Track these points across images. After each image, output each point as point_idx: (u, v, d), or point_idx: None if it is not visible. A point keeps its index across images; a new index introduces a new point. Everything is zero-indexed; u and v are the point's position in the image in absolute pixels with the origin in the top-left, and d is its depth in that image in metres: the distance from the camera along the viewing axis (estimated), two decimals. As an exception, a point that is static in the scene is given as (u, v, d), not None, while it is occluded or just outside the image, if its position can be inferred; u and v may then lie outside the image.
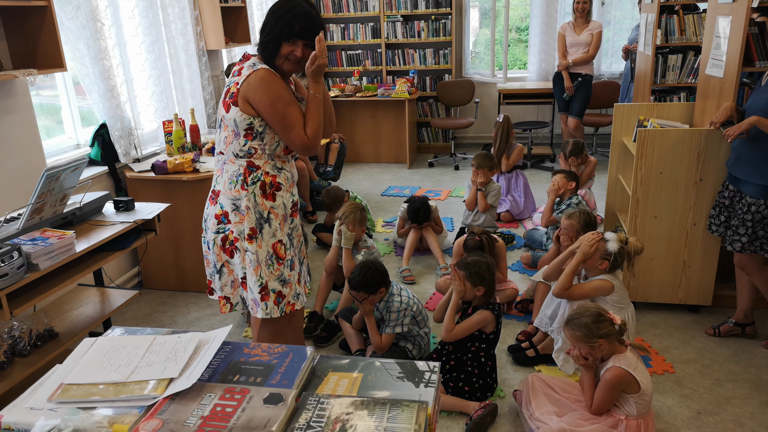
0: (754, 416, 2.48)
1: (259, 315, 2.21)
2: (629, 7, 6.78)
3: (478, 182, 4.20)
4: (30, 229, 2.42)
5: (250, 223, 2.13)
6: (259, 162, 2.13)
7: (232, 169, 2.13)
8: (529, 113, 7.19)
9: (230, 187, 2.13)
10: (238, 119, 2.06)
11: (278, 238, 2.19)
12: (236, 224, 2.14)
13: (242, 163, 2.12)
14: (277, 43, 2.04)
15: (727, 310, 3.25)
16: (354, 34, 7.02)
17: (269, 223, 2.16)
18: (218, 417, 1.11)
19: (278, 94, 2.03)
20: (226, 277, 2.23)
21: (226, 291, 2.25)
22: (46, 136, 3.46)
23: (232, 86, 2.06)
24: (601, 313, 2.21)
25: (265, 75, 2.03)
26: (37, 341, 2.52)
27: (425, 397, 1.19)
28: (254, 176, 2.12)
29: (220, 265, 2.21)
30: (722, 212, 2.91)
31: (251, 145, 2.10)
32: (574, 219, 3.01)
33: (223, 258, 2.20)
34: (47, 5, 2.79)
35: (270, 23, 2.06)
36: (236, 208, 2.13)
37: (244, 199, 2.12)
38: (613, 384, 2.18)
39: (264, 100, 2.02)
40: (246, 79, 2.03)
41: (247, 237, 2.14)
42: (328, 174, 5.50)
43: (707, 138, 2.98)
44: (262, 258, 2.16)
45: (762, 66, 2.94)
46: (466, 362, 2.61)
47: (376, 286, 2.74)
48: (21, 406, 1.17)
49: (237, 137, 2.10)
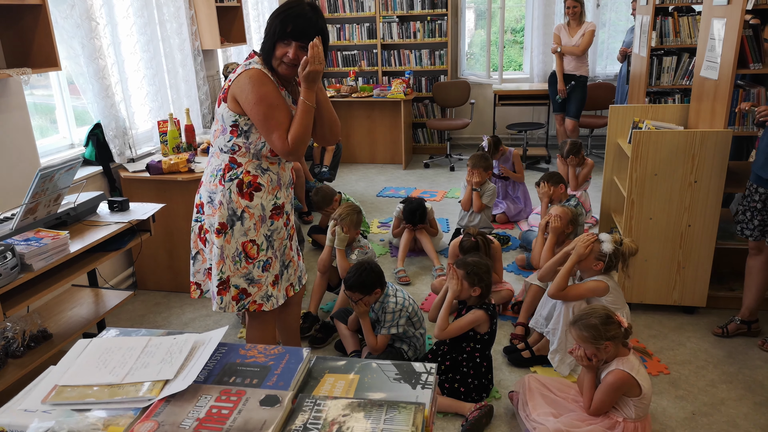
0: (748, 417, 2.49)
1: (213, 307, 2.27)
2: (624, 9, 6.81)
3: (474, 182, 4.20)
4: (24, 230, 2.40)
5: (221, 218, 2.16)
6: (241, 160, 2.14)
7: (215, 163, 2.19)
8: (525, 114, 7.21)
9: (210, 179, 2.20)
10: (225, 115, 2.11)
11: (250, 237, 2.19)
12: (208, 216, 2.21)
13: (225, 158, 2.16)
14: (272, 43, 2.04)
15: (722, 311, 3.26)
16: (350, 34, 7.01)
17: (242, 221, 2.17)
18: (214, 419, 1.10)
19: (263, 94, 2.02)
20: (200, 264, 2.34)
21: (198, 277, 2.36)
22: (40, 135, 3.44)
23: (226, 82, 2.12)
24: (610, 315, 2.21)
25: (255, 74, 2.03)
26: (31, 342, 2.51)
27: (422, 398, 1.18)
28: (233, 173, 2.15)
29: (195, 252, 2.32)
30: (755, 216, 2.84)
31: (235, 141, 2.12)
32: (567, 207, 3.09)
33: (198, 246, 2.31)
34: (42, 4, 2.77)
35: (268, 22, 2.08)
36: (210, 201, 2.19)
37: (219, 193, 2.16)
38: (615, 387, 2.18)
39: (249, 99, 2.03)
40: (237, 77, 2.06)
41: (216, 231, 2.18)
42: (323, 175, 5.49)
43: (702, 140, 2.99)
44: (228, 253, 2.19)
45: (756, 68, 2.95)
46: (461, 363, 2.61)
47: (371, 287, 2.73)
48: (14, 408, 1.16)
49: (224, 132, 2.14)
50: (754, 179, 2.83)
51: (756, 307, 3.00)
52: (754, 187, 2.84)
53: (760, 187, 2.81)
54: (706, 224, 3.10)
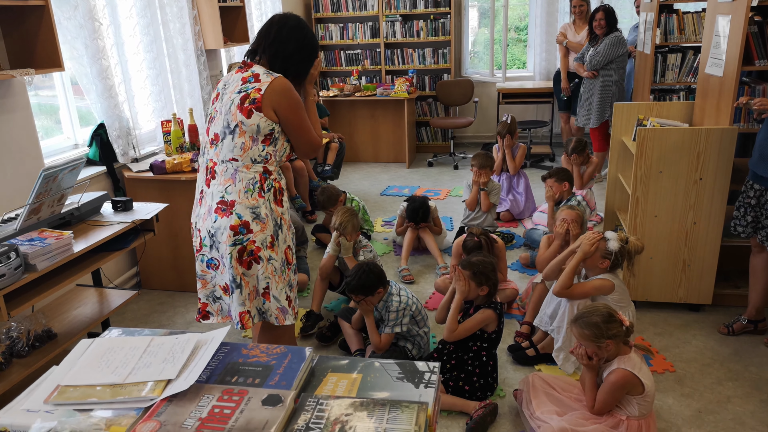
0: (754, 415, 2.48)
1: (288, 322, 2.20)
2: (628, 7, 6.78)
3: (481, 182, 4.19)
4: (27, 230, 2.41)
5: (270, 231, 2.12)
6: (271, 168, 2.14)
7: (247, 177, 2.09)
8: (529, 113, 7.19)
9: (246, 195, 2.08)
10: (262, 125, 2.05)
11: (288, 243, 2.20)
12: (258, 233, 2.08)
13: (258, 169, 2.10)
14: (312, 59, 2.23)
15: (727, 309, 3.24)
16: (353, 33, 7.01)
17: (281, 229, 2.16)
18: (216, 419, 1.10)
19: (298, 99, 2.12)
20: (245, 290, 2.12)
21: (246, 305, 2.14)
22: (44, 135, 3.45)
23: (253, 92, 2.04)
24: (611, 313, 2.20)
25: (287, 82, 2.10)
26: (35, 342, 2.51)
27: (425, 397, 1.18)
28: (268, 183, 2.12)
29: (240, 280, 2.10)
30: (749, 212, 2.82)
31: (267, 150, 2.10)
32: (577, 209, 3.08)
33: (240, 271, 2.09)
34: (45, 5, 2.78)
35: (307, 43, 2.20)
36: (257, 216, 2.08)
37: (262, 206, 2.10)
38: (617, 386, 2.17)
39: (290, 106, 2.09)
40: (270, 86, 2.05)
41: (269, 245, 2.11)
42: (326, 173, 5.49)
43: (707, 137, 2.97)
44: (277, 265, 2.16)
45: (761, 65, 2.93)
46: (467, 361, 2.60)
47: (373, 288, 2.73)
48: (17, 408, 1.16)
49: (255, 143, 2.07)
50: (750, 175, 2.82)
51: (762, 305, 2.98)
52: (750, 183, 2.82)
53: (755, 183, 2.79)
54: (712, 222, 3.09)
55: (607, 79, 5.25)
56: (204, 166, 2.18)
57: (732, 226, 2.92)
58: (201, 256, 2.18)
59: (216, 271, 2.18)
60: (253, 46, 2.18)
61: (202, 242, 2.15)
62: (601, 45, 5.19)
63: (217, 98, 2.16)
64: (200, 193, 2.18)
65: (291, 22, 2.16)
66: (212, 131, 2.14)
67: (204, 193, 2.16)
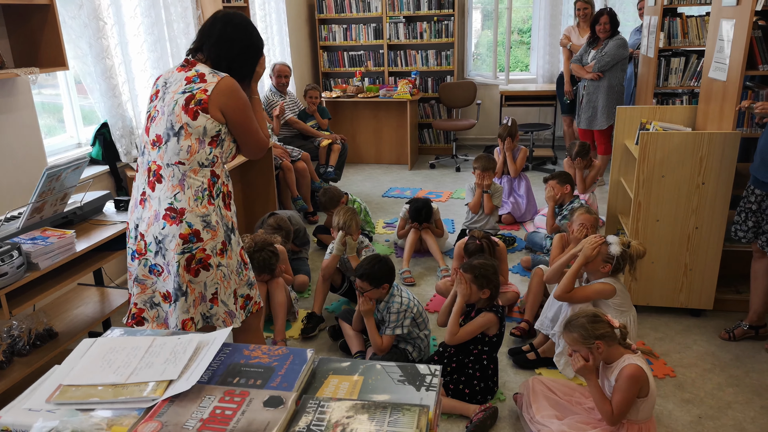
0: (755, 421, 2.47)
1: (235, 324, 2.15)
2: (631, 10, 6.77)
3: (485, 185, 4.20)
4: (30, 228, 2.41)
5: (222, 237, 2.06)
6: (218, 171, 2.07)
7: (196, 184, 2.01)
8: (531, 115, 7.18)
9: (196, 203, 2.01)
10: (208, 126, 1.98)
11: (240, 244, 2.19)
12: (209, 241, 2.02)
13: (206, 173, 2.03)
14: (257, 57, 2.19)
15: (728, 314, 3.23)
16: (356, 34, 7.01)
17: (233, 233, 2.14)
18: (217, 420, 1.10)
19: (246, 100, 2.08)
20: (191, 297, 2.06)
21: (190, 312, 2.07)
22: (47, 134, 3.45)
23: (198, 92, 1.97)
24: (597, 314, 2.20)
25: (234, 82, 2.04)
26: (37, 341, 2.52)
27: (426, 400, 1.18)
28: (217, 188, 2.06)
29: (185, 287, 2.03)
30: (749, 218, 2.82)
31: (214, 153, 2.03)
32: (594, 214, 3.09)
33: (186, 278, 2.02)
34: (50, 4, 2.79)
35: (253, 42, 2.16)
36: (207, 224, 2.02)
37: (213, 214, 2.03)
38: (632, 380, 2.12)
39: (238, 107, 2.03)
40: (217, 86, 1.98)
41: (219, 252, 2.05)
42: (328, 175, 5.49)
43: (710, 141, 2.97)
44: (233, 268, 2.13)
45: (765, 69, 2.93)
46: (467, 365, 2.60)
47: (381, 280, 2.74)
48: (19, 407, 1.16)
49: (201, 145, 2.00)
50: (752, 180, 2.81)
51: (763, 311, 2.98)
52: (751, 188, 2.82)
53: (756, 188, 2.78)
54: (714, 226, 3.08)
55: (613, 81, 5.27)
56: (145, 167, 2.07)
57: (733, 231, 2.91)
58: (144, 260, 2.08)
59: (158, 278, 2.09)
60: (196, 44, 2.11)
61: (147, 247, 2.05)
62: (608, 46, 5.20)
63: (157, 96, 2.06)
64: (141, 195, 2.08)
65: (236, 20, 2.08)
66: (153, 132, 2.04)
67: (147, 195, 2.05)
